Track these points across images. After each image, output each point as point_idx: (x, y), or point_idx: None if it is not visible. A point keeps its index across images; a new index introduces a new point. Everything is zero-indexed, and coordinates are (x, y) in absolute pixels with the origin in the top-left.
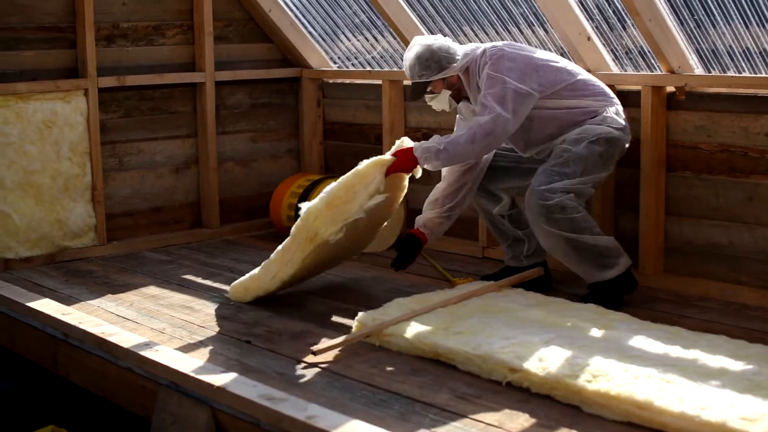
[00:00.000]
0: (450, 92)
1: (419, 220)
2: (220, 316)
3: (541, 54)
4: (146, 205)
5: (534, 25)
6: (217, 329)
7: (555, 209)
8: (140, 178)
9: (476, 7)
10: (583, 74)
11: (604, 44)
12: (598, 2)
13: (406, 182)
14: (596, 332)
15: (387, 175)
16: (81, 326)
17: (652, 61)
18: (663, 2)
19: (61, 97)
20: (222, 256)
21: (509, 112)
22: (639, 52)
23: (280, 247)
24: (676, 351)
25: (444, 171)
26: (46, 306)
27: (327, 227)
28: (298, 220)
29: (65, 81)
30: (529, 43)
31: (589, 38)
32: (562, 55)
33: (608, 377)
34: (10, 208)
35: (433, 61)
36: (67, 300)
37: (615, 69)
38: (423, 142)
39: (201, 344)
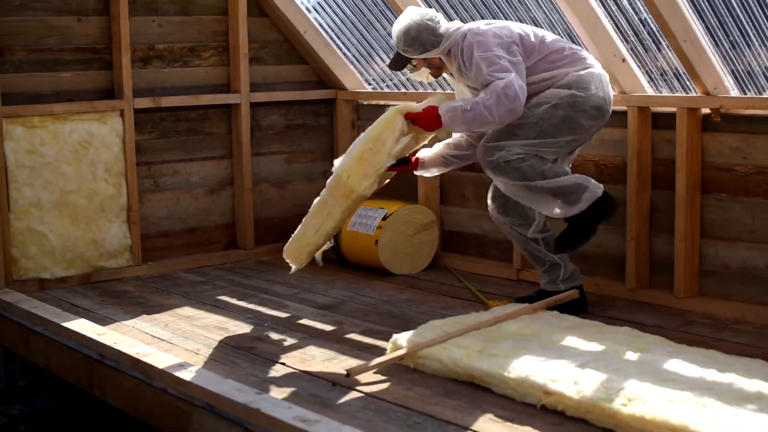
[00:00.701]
0: (429, 70)
1: (424, 151)
2: (254, 338)
3: (517, 27)
4: (181, 226)
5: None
6: (252, 351)
7: (499, 164)
8: (175, 199)
9: None
10: (560, 43)
11: (638, 66)
12: (633, 24)
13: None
14: (631, 355)
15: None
16: (116, 347)
17: (687, 82)
18: (698, 24)
19: (97, 118)
20: (256, 278)
21: (523, 79)
22: (674, 74)
23: (315, 201)
24: (711, 374)
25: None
26: (82, 326)
27: (361, 182)
28: (331, 177)
29: (101, 102)
30: None
31: (623, 60)
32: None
33: (643, 401)
34: (46, 229)
35: (417, 41)
36: (103, 320)
37: (650, 91)
38: (450, 102)
39: (236, 365)
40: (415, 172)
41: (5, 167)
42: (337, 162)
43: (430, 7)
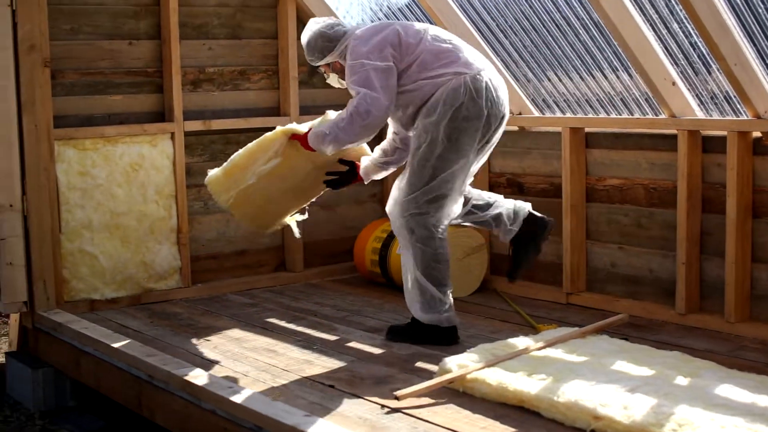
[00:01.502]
0: (336, 75)
1: (365, 159)
2: (303, 360)
3: (400, 27)
4: (230, 248)
5: (618, 70)
6: (301, 373)
7: (412, 227)
8: (225, 221)
9: (560, 52)
10: (439, 44)
11: (689, 89)
12: (683, 47)
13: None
14: (682, 380)
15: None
16: (165, 368)
17: (738, 105)
18: (748, 46)
19: (147, 141)
20: (306, 300)
21: (376, 90)
22: (724, 97)
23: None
24: (763, 400)
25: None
26: (131, 347)
27: (220, 195)
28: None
29: (152, 125)
30: (613, 89)
31: (673, 83)
32: (646, 101)
33: (694, 426)
34: (97, 250)
35: (315, 49)
36: (152, 341)
37: (700, 114)
38: (317, 127)
39: (284, 387)
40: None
41: (57, 189)
42: (211, 171)
43: (482, 33)
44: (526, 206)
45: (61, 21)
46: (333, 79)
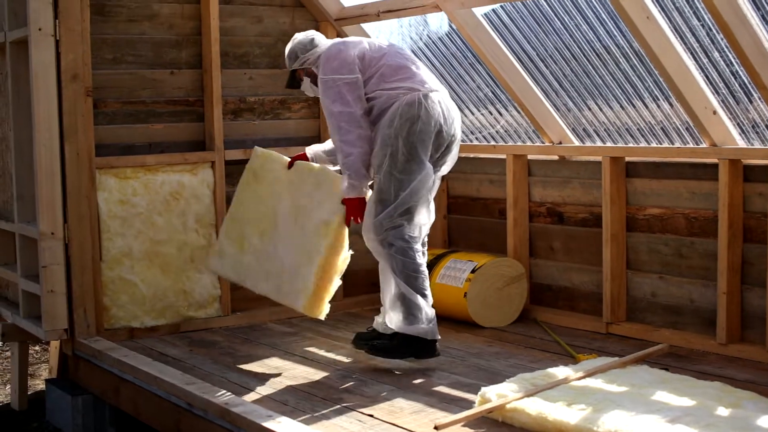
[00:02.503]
0: (310, 80)
1: (312, 147)
2: (342, 389)
3: (366, 42)
4: None
5: (659, 99)
6: (340, 402)
7: (384, 245)
8: None
9: (600, 81)
10: (401, 60)
11: (730, 118)
12: (724, 76)
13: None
14: (723, 411)
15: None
16: (204, 396)
17: None
18: None
19: (188, 170)
20: (345, 329)
21: (349, 104)
22: (766, 126)
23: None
24: None
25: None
26: (171, 375)
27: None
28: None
29: (193, 153)
30: (654, 118)
31: (714, 112)
32: (686, 129)
33: None
34: (137, 278)
35: (293, 53)
36: (191, 370)
37: (741, 143)
38: (344, 184)
39: (323, 417)
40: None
41: (98, 217)
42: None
43: (522, 62)
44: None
45: (103, 51)
46: (306, 85)
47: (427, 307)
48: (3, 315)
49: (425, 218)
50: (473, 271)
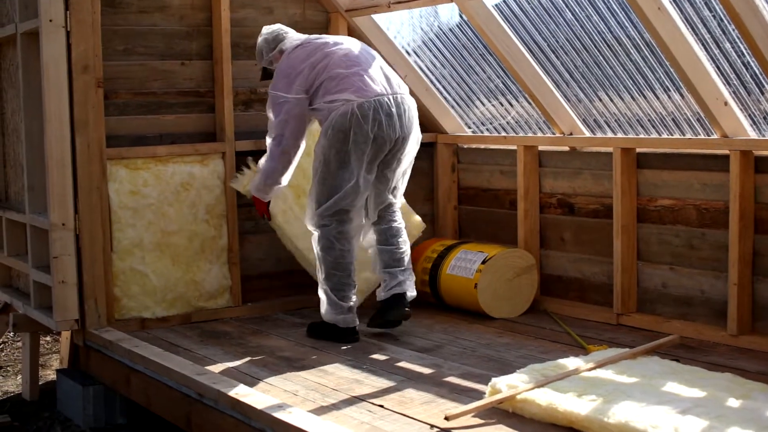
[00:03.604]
0: None
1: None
2: (352, 380)
3: (318, 53)
4: (281, 267)
5: (670, 90)
6: (350, 392)
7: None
8: (275, 240)
9: (611, 72)
10: (343, 70)
11: (741, 109)
12: (735, 67)
13: None
14: (733, 402)
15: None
16: (215, 386)
17: None
18: None
19: (199, 160)
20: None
21: (281, 121)
22: None
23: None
24: None
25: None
26: (182, 366)
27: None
28: None
29: (203, 144)
30: (665, 109)
31: (726, 103)
32: (697, 121)
33: None
34: (148, 269)
35: (259, 51)
36: (202, 360)
37: (753, 134)
38: (253, 181)
39: (334, 407)
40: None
41: (109, 208)
42: None
43: (533, 54)
44: (405, 289)
45: (114, 42)
46: None
47: (342, 300)
48: (14, 305)
49: (361, 222)
50: (484, 262)
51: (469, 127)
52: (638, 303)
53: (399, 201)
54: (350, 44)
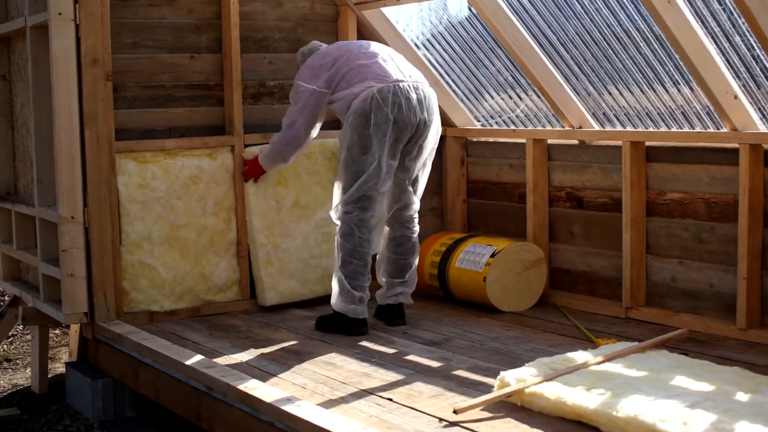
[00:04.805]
0: None
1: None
2: (361, 373)
3: (339, 54)
4: None
5: (679, 84)
6: (359, 386)
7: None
8: None
9: (621, 65)
10: (364, 61)
11: (751, 103)
12: (745, 60)
13: None
14: (742, 396)
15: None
16: (224, 379)
17: None
18: None
19: (207, 154)
20: None
21: (298, 109)
22: None
23: None
24: None
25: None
26: (190, 359)
27: None
28: None
29: (212, 138)
30: (674, 102)
31: (735, 97)
32: (707, 114)
33: None
34: (157, 262)
35: (297, 65)
36: (211, 353)
37: (762, 128)
38: (263, 150)
39: (342, 400)
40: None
41: (118, 201)
42: None
43: (542, 47)
44: (399, 301)
45: (123, 35)
46: None
47: (355, 290)
48: (23, 299)
49: (382, 208)
50: (493, 256)
51: (479, 121)
52: (647, 297)
53: (417, 203)
54: (375, 45)
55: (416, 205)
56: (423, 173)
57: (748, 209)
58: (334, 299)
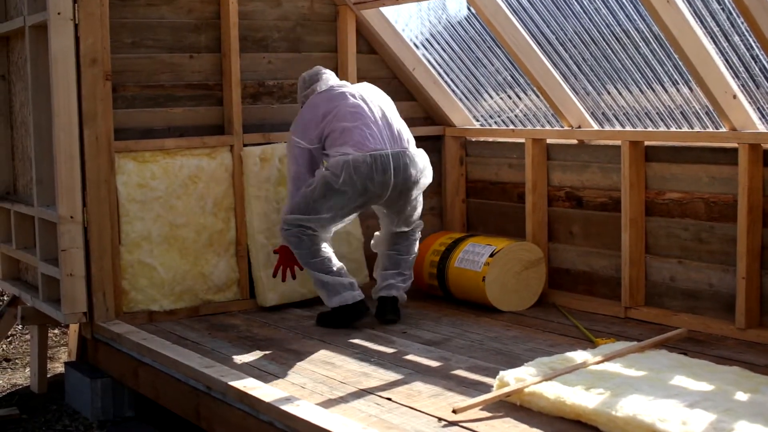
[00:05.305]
0: None
1: None
2: (360, 373)
3: (334, 105)
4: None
5: (678, 84)
6: (358, 385)
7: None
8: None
9: (620, 65)
10: (348, 123)
11: (750, 102)
12: (744, 60)
13: None
14: (741, 396)
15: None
16: (223, 379)
17: None
18: None
19: (206, 153)
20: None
21: (299, 166)
22: None
23: None
24: None
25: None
26: (190, 358)
27: None
28: None
29: (211, 137)
30: (673, 102)
31: (734, 96)
32: (706, 114)
33: None
34: (156, 261)
35: (297, 88)
36: (210, 353)
37: (762, 127)
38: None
39: (341, 400)
40: None
41: (117, 201)
42: None
43: (541, 46)
44: (390, 292)
45: (122, 35)
46: None
47: (335, 278)
48: (22, 298)
49: (327, 235)
50: (492, 255)
51: (477, 120)
52: (646, 296)
53: (416, 217)
54: (367, 94)
55: (414, 221)
56: (416, 205)
57: (747, 209)
58: (326, 300)
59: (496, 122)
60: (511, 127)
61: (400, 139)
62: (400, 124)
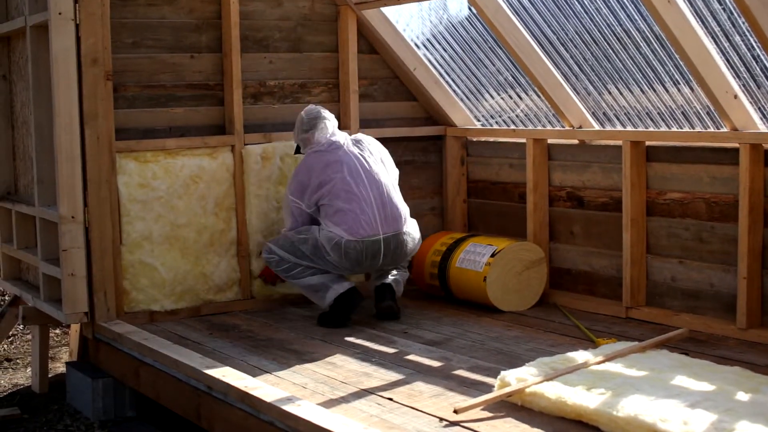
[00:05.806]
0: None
1: None
2: (361, 372)
3: (329, 176)
4: None
5: (679, 84)
6: (359, 385)
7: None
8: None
9: (621, 65)
10: (343, 204)
11: (751, 102)
12: (745, 60)
13: None
14: (742, 396)
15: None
16: (224, 379)
17: None
18: None
19: (208, 153)
20: (364, 313)
21: (296, 220)
22: None
23: None
24: None
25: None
26: (191, 358)
27: None
28: None
29: (212, 137)
30: (674, 102)
31: (735, 96)
32: (707, 114)
33: None
34: (157, 261)
35: (295, 127)
36: (211, 353)
37: (762, 127)
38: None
39: (342, 400)
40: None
41: (118, 201)
42: None
43: (542, 46)
44: (384, 280)
45: (123, 35)
46: None
47: (322, 277)
48: (24, 298)
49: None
50: (493, 255)
51: (479, 120)
52: (647, 296)
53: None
54: (364, 160)
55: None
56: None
57: (748, 209)
58: (321, 302)
59: (497, 122)
60: (512, 127)
61: (394, 219)
62: (395, 198)
